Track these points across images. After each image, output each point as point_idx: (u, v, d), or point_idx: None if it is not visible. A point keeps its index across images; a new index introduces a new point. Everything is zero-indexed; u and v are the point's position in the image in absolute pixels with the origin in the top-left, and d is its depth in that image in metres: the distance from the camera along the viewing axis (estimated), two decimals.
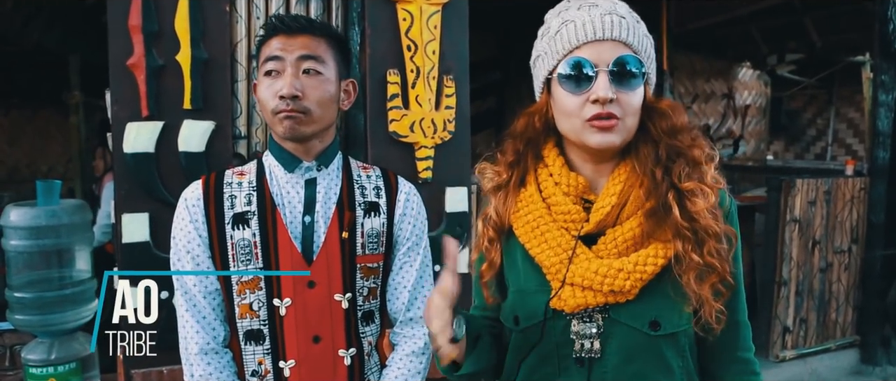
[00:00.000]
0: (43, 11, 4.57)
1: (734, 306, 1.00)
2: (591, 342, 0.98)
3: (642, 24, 0.97)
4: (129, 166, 1.86)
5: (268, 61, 1.19)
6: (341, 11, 2.13)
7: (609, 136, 0.94)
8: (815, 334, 3.80)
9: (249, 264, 1.22)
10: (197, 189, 1.25)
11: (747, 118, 7.28)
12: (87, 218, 2.03)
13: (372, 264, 1.29)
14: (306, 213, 1.25)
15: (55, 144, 7.57)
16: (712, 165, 0.97)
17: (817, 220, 3.66)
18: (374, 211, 1.29)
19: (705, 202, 0.92)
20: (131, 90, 1.85)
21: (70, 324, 1.99)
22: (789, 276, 3.63)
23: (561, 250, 0.99)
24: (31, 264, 1.96)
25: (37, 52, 5.56)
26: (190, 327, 1.23)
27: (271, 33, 1.21)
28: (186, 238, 1.23)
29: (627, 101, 0.93)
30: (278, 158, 1.26)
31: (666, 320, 0.95)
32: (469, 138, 2.27)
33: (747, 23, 6.17)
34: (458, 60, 2.23)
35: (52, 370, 1.93)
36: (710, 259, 0.92)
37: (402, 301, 1.34)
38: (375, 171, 1.35)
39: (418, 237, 1.35)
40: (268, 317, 1.23)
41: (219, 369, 1.24)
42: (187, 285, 1.24)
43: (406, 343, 1.34)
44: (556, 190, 1.01)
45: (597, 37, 0.93)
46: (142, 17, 1.83)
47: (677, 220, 0.92)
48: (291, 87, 1.17)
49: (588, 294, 0.96)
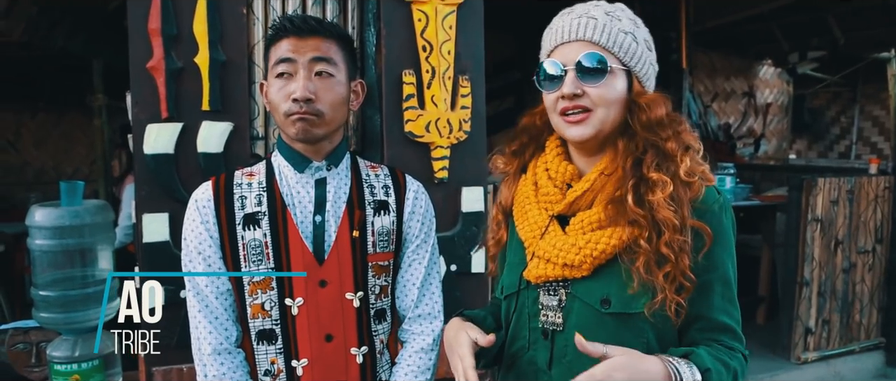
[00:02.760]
0: (67, 17, 4.65)
1: (706, 304, 1.03)
2: (555, 314, 1.08)
3: (624, 22, 1.05)
4: (149, 167, 1.89)
5: (279, 63, 1.20)
6: (357, 12, 2.14)
7: (580, 128, 1.03)
8: (839, 335, 3.75)
9: (261, 265, 1.23)
10: (207, 190, 1.27)
11: (769, 117, 7.18)
12: (109, 218, 2.07)
13: (383, 262, 1.30)
14: (317, 212, 1.26)
15: (80, 146, 7.71)
16: (689, 158, 1.02)
17: (840, 219, 3.60)
18: (383, 209, 1.30)
19: (663, 193, 0.98)
20: (151, 92, 1.88)
21: (93, 322, 2.02)
22: (811, 276, 3.58)
23: (537, 227, 1.10)
24: (55, 263, 2.00)
25: (61, 56, 5.67)
26: (202, 327, 1.25)
27: (282, 34, 1.21)
28: (198, 239, 1.25)
29: (595, 94, 1.02)
30: (288, 158, 1.27)
31: (616, 299, 1.02)
32: (485, 138, 2.27)
33: (768, 20, 6.09)
34: (474, 60, 2.23)
35: (76, 367, 1.96)
36: (665, 250, 0.97)
37: (411, 298, 1.35)
38: (383, 169, 1.37)
39: (427, 234, 1.37)
40: (280, 317, 1.25)
41: (232, 369, 1.25)
42: (199, 286, 1.25)
43: (415, 340, 1.35)
44: (544, 175, 1.12)
45: (565, 39, 1.05)
46: (161, 20, 1.86)
47: (630, 208, 0.99)
48: (305, 89, 1.18)
49: (548, 266, 1.06)
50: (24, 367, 2.45)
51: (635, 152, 1.03)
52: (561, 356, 1.07)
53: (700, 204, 1.01)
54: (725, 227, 1.04)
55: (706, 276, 1.01)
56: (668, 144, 1.02)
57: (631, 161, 1.03)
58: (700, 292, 1.01)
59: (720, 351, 1.02)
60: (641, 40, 1.06)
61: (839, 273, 3.67)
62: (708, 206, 1.02)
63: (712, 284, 1.03)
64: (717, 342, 1.03)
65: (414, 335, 1.35)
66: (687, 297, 1.00)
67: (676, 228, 0.97)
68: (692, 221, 0.99)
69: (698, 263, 0.99)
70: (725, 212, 1.05)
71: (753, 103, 7.11)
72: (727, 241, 1.04)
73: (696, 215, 1.01)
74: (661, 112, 1.03)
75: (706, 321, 1.04)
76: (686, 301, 1.00)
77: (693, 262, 0.99)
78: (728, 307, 1.04)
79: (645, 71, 1.08)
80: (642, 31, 1.08)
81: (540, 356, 1.10)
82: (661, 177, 0.99)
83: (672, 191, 0.99)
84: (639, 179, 1.01)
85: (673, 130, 1.03)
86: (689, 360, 0.97)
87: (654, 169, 1.00)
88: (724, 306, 1.04)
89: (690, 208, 1.00)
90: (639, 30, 1.07)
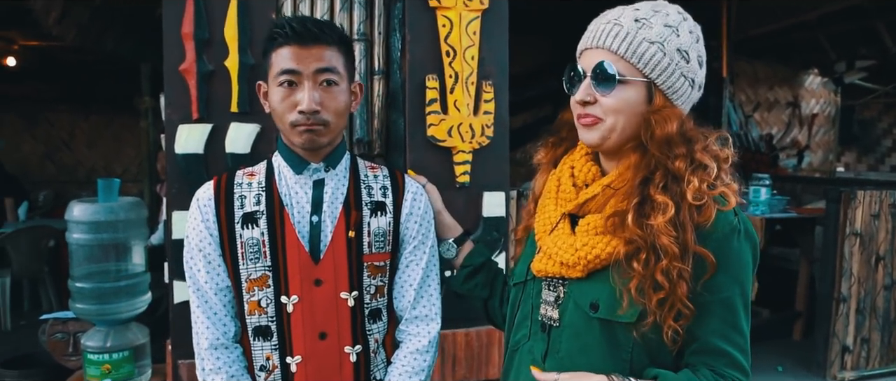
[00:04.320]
0: (117, 22, 4.86)
1: (703, 326, 0.99)
2: (552, 309, 1.11)
3: (654, 30, 1.00)
4: (180, 166, 1.96)
5: (283, 74, 1.21)
6: (383, 19, 2.19)
7: (588, 134, 1.06)
8: (879, 355, 3.61)
9: (258, 263, 1.26)
10: (208, 190, 1.30)
11: (814, 128, 6.99)
12: (142, 215, 2.16)
13: (379, 262, 1.32)
14: (314, 213, 1.28)
15: (129, 147, 8.02)
16: (698, 178, 0.97)
17: (882, 234, 3.48)
18: (380, 210, 1.33)
19: (664, 217, 0.95)
20: (183, 94, 1.95)
21: (124, 314, 2.11)
22: (849, 292, 3.46)
23: (549, 222, 1.14)
24: (91, 256, 2.09)
25: (112, 60, 5.91)
26: (201, 323, 1.29)
27: (282, 42, 1.21)
28: (198, 237, 1.28)
29: (606, 103, 1.03)
30: (287, 159, 1.29)
31: (604, 305, 1.02)
32: (507, 144, 2.28)
33: (814, 28, 5.93)
34: (498, 66, 2.25)
35: (108, 357, 2.05)
36: (660, 277, 0.94)
37: (407, 299, 1.36)
38: (383, 170, 1.39)
39: (424, 236, 1.38)
40: (276, 314, 1.27)
41: (228, 363, 1.29)
42: (199, 283, 1.29)
43: (411, 341, 1.37)
44: (567, 172, 1.16)
45: (588, 45, 1.06)
46: (194, 25, 1.93)
47: (629, 227, 0.98)
48: (311, 102, 1.20)
49: (548, 262, 1.09)
50: (62, 355, 2.57)
51: (646, 169, 1.01)
52: (555, 351, 1.10)
53: (708, 228, 0.97)
54: (734, 251, 0.98)
55: (707, 297, 0.98)
56: (676, 163, 0.98)
57: (640, 177, 1.01)
58: (699, 314, 0.97)
59: (704, 376, 0.98)
60: (672, 50, 1.00)
61: (880, 290, 3.54)
62: (715, 229, 0.97)
63: (712, 306, 0.98)
64: (708, 367, 0.99)
65: (410, 336, 1.37)
66: (685, 324, 0.97)
67: (676, 256, 0.94)
68: (695, 247, 0.95)
69: (698, 288, 0.96)
70: (737, 235, 0.99)
71: (798, 114, 6.93)
72: (735, 265, 0.98)
73: (701, 239, 0.97)
74: (671, 129, 0.99)
75: (700, 344, 1.00)
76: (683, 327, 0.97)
77: (692, 290, 0.96)
78: (727, 332, 0.99)
79: (672, 83, 1.02)
80: (678, 41, 1.01)
81: (537, 348, 1.13)
82: (665, 200, 0.96)
83: (673, 216, 0.95)
84: (643, 199, 0.99)
85: (687, 148, 0.99)
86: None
87: (661, 191, 0.97)
88: (722, 330, 0.99)
89: (695, 233, 0.96)
90: (673, 39, 1.00)
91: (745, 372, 1.01)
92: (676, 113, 1.02)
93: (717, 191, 0.98)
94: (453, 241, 1.44)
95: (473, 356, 2.30)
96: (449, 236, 1.45)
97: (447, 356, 2.16)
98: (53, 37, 4.78)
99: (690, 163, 0.99)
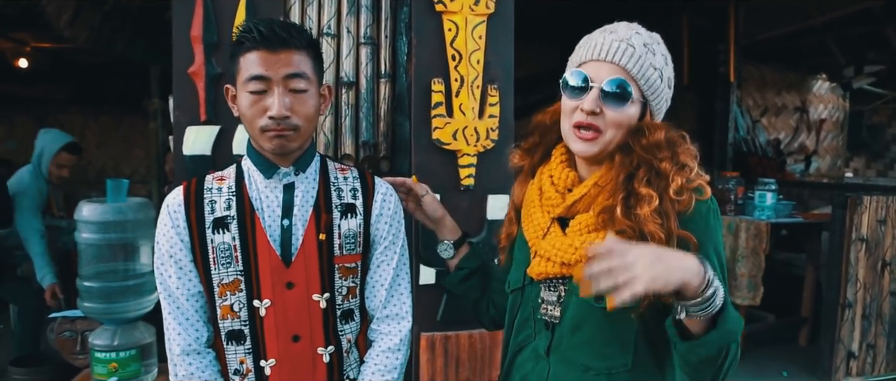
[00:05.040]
0: (127, 25, 4.91)
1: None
2: (554, 308, 1.17)
3: (657, 57, 1.11)
4: (187, 167, 1.98)
5: (252, 80, 1.20)
6: (390, 22, 2.21)
7: (587, 146, 1.11)
8: (885, 361, 3.60)
9: (230, 267, 1.26)
10: (178, 195, 1.30)
11: (822, 133, 6.96)
12: (150, 215, 2.18)
13: (350, 264, 1.33)
14: (284, 216, 1.29)
15: (138, 148, 8.09)
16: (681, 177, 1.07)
17: (888, 240, 3.47)
18: (350, 212, 1.33)
19: (650, 207, 1.04)
20: (191, 96, 1.98)
21: (132, 313, 2.13)
22: (855, 298, 3.45)
23: (540, 228, 1.19)
24: (99, 255, 2.12)
25: (123, 62, 5.97)
26: (172, 329, 1.29)
27: (250, 46, 1.20)
28: (169, 243, 1.28)
29: (611, 117, 1.09)
30: (257, 164, 1.29)
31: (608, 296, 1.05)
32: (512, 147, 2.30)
33: (822, 32, 5.91)
34: (503, 70, 2.26)
35: (115, 356, 2.07)
36: None
37: (379, 299, 1.38)
38: (352, 172, 1.39)
39: (394, 236, 1.39)
40: (248, 318, 1.28)
41: (201, 368, 1.29)
42: (170, 288, 1.28)
43: (382, 340, 1.38)
44: (548, 181, 1.22)
45: (600, 57, 1.09)
46: (203, 28, 1.96)
47: (618, 219, 1.06)
48: (281, 107, 1.19)
49: (548, 264, 1.15)
50: (70, 354, 2.59)
51: (629, 167, 1.10)
52: (557, 345, 1.17)
53: (689, 213, 1.07)
54: (711, 227, 1.09)
55: None
56: (663, 164, 1.07)
57: (624, 175, 1.09)
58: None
59: None
60: (666, 78, 1.13)
61: (886, 296, 3.53)
62: (696, 210, 1.07)
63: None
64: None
65: (382, 334, 1.38)
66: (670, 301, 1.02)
67: (662, 240, 1.03)
68: (680, 231, 1.05)
69: None
70: (712, 214, 1.10)
71: (806, 119, 6.91)
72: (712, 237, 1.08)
73: (682, 222, 1.06)
74: (661, 136, 1.09)
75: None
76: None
77: None
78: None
79: (659, 106, 1.15)
80: (669, 70, 1.14)
81: (541, 345, 1.20)
82: (650, 192, 1.05)
83: (658, 205, 1.04)
84: (629, 193, 1.07)
85: (671, 150, 1.09)
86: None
87: (645, 185, 1.06)
88: None
89: (677, 220, 1.06)
90: (667, 68, 1.13)
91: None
92: (662, 124, 1.14)
93: (695, 184, 1.09)
94: (452, 243, 1.48)
95: (477, 357, 2.32)
96: (449, 238, 1.49)
97: (450, 357, 2.18)
98: (65, 39, 4.84)
99: (675, 163, 1.08)
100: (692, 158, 1.10)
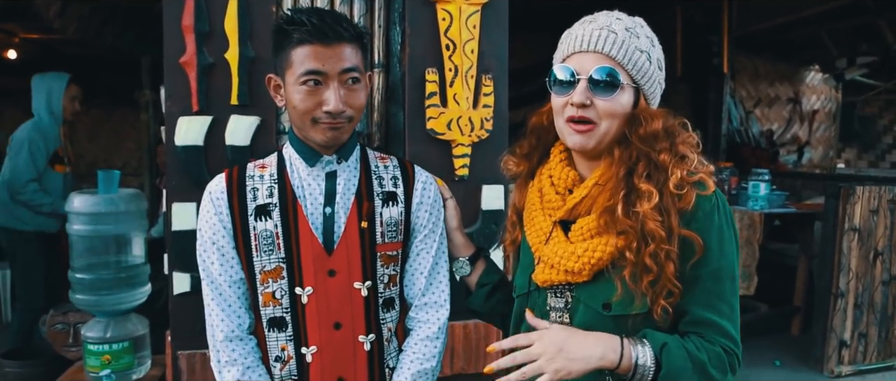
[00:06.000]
0: (117, 16, 4.86)
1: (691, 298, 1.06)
2: (562, 315, 1.15)
3: (642, 40, 1.08)
4: (179, 158, 1.96)
5: (308, 74, 1.19)
6: (383, 12, 2.19)
7: (582, 138, 1.08)
8: (877, 350, 3.62)
9: (272, 255, 1.27)
10: (220, 183, 1.30)
11: (815, 124, 6.99)
12: (142, 207, 2.17)
13: (391, 252, 1.33)
14: (327, 204, 1.29)
15: (129, 140, 8.04)
16: (680, 170, 1.04)
17: (880, 230, 3.49)
18: (392, 200, 1.33)
19: (650, 204, 1.02)
20: (183, 86, 1.96)
21: (124, 305, 2.12)
22: (847, 288, 3.47)
23: (542, 232, 1.16)
24: (91, 247, 2.10)
25: (112, 54, 5.91)
26: (216, 315, 1.29)
27: (303, 39, 1.19)
28: (212, 230, 1.28)
29: (603, 107, 1.06)
30: (300, 152, 1.30)
31: (616, 303, 1.06)
32: (506, 137, 2.29)
33: (815, 24, 5.92)
34: (498, 60, 2.25)
35: (107, 348, 2.06)
36: (649, 260, 1.01)
37: (418, 287, 1.38)
38: (393, 161, 1.39)
39: (434, 224, 1.39)
40: (290, 305, 1.28)
41: (243, 355, 1.30)
42: (213, 275, 1.29)
43: (421, 328, 1.38)
44: (548, 182, 1.18)
45: (583, 48, 1.07)
46: (194, 17, 1.94)
47: (620, 218, 1.04)
48: (339, 102, 1.20)
49: (552, 272, 1.12)
50: (62, 346, 2.58)
51: (628, 161, 1.07)
52: None
53: (690, 211, 1.04)
54: (716, 227, 1.05)
55: (694, 272, 1.04)
56: (661, 156, 1.05)
57: (624, 170, 1.07)
58: (688, 288, 1.04)
59: (691, 340, 1.05)
60: (654, 60, 1.09)
61: (878, 285, 3.55)
62: (698, 209, 1.04)
63: (699, 280, 1.05)
64: (698, 336, 1.06)
65: (420, 322, 1.38)
66: (675, 301, 1.04)
67: (662, 238, 1.01)
68: (682, 230, 1.02)
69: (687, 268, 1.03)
70: (717, 211, 1.06)
71: (799, 110, 6.93)
72: (718, 241, 1.05)
73: (686, 220, 1.04)
74: (658, 125, 1.07)
75: (690, 316, 1.07)
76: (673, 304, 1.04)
77: (680, 270, 1.02)
78: (713, 302, 1.05)
79: (652, 89, 1.11)
80: (657, 51, 1.11)
81: None
82: (649, 188, 1.03)
83: (659, 202, 1.02)
84: (629, 189, 1.05)
85: (669, 141, 1.07)
86: (643, 339, 1.03)
87: (645, 180, 1.04)
88: (708, 301, 1.05)
89: (679, 217, 1.03)
90: (654, 49, 1.10)
91: (733, 340, 1.07)
92: (659, 112, 1.10)
93: (696, 177, 1.06)
94: (467, 259, 1.41)
95: (472, 348, 2.32)
96: (463, 255, 1.42)
97: (445, 347, 2.18)
98: (54, 30, 4.79)
99: (674, 155, 1.06)
100: (692, 149, 1.08)
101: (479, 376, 2.37)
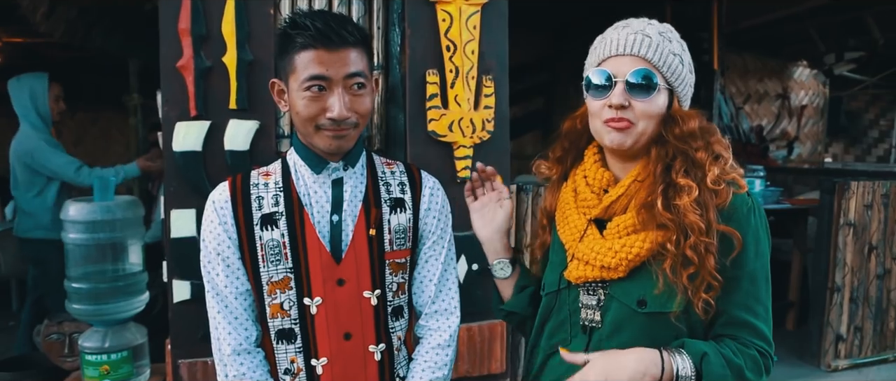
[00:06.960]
0: (105, 18, 4.79)
1: (728, 299, 1.08)
2: (593, 312, 1.16)
3: (674, 44, 1.12)
4: (177, 164, 1.93)
5: (312, 80, 1.16)
6: (382, 13, 2.17)
7: (620, 136, 1.10)
8: (872, 343, 3.65)
9: (279, 265, 1.23)
10: (224, 191, 1.27)
11: (803, 119, 7.03)
12: (139, 214, 2.13)
13: (400, 259, 1.31)
14: (334, 212, 1.26)
15: (117, 144, 7.93)
16: (717, 167, 1.08)
17: (874, 224, 3.51)
18: (399, 207, 1.31)
19: (689, 197, 1.05)
20: (181, 91, 1.93)
21: (122, 314, 2.09)
22: (843, 282, 3.49)
23: (576, 230, 1.18)
24: (87, 256, 2.07)
25: (100, 57, 5.83)
26: (222, 328, 1.26)
27: (307, 44, 1.16)
28: (216, 241, 1.25)
29: (640, 108, 1.09)
30: (305, 159, 1.26)
31: (652, 299, 1.09)
32: (508, 138, 2.27)
33: (803, 20, 5.95)
34: (498, 60, 2.24)
35: (106, 358, 2.03)
36: (690, 252, 1.04)
37: (428, 294, 1.35)
38: (399, 166, 1.36)
39: (443, 231, 1.37)
40: (299, 316, 1.25)
41: (252, 368, 1.26)
42: (219, 287, 1.25)
43: (432, 336, 1.35)
44: (583, 182, 1.20)
45: (620, 52, 1.10)
46: (191, 21, 1.91)
47: (659, 212, 1.06)
48: (343, 109, 1.17)
49: (587, 268, 1.13)
50: (58, 357, 2.53)
51: (666, 159, 1.10)
52: (595, 349, 1.13)
53: (728, 208, 1.07)
54: (753, 228, 1.08)
55: (731, 272, 1.06)
56: (698, 153, 1.08)
57: (661, 167, 1.10)
58: (726, 288, 1.07)
59: (727, 345, 1.07)
60: (686, 63, 1.13)
61: (873, 279, 3.58)
62: (735, 209, 1.08)
63: (738, 281, 1.07)
64: (733, 338, 1.08)
65: (430, 330, 1.35)
66: (715, 295, 1.05)
67: (702, 231, 1.04)
68: (720, 226, 1.05)
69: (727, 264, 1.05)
70: (754, 213, 1.10)
71: (787, 105, 6.97)
72: (754, 241, 1.08)
73: (724, 218, 1.07)
74: (694, 124, 1.10)
75: (726, 317, 1.09)
76: (714, 299, 1.06)
77: (721, 264, 1.05)
78: (750, 304, 1.08)
79: (685, 91, 1.15)
80: (687, 55, 1.15)
81: (577, 348, 1.17)
82: (688, 182, 1.06)
83: (698, 196, 1.05)
84: (668, 185, 1.08)
85: (705, 140, 1.10)
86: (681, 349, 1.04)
87: (682, 175, 1.07)
88: (745, 302, 1.08)
89: (718, 213, 1.06)
90: (685, 54, 1.14)
91: (767, 341, 1.10)
92: (694, 112, 1.14)
93: (729, 176, 1.09)
94: (509, 260, 1.37)
95: (476, 350, 2.30)
96: (504, 256, 1.37)
97: None
98: (39, 33, 4.70)
99: (710, 153, 1.09)
100: (726, 149, 1.11)
101: (482, 378, 2.35)
